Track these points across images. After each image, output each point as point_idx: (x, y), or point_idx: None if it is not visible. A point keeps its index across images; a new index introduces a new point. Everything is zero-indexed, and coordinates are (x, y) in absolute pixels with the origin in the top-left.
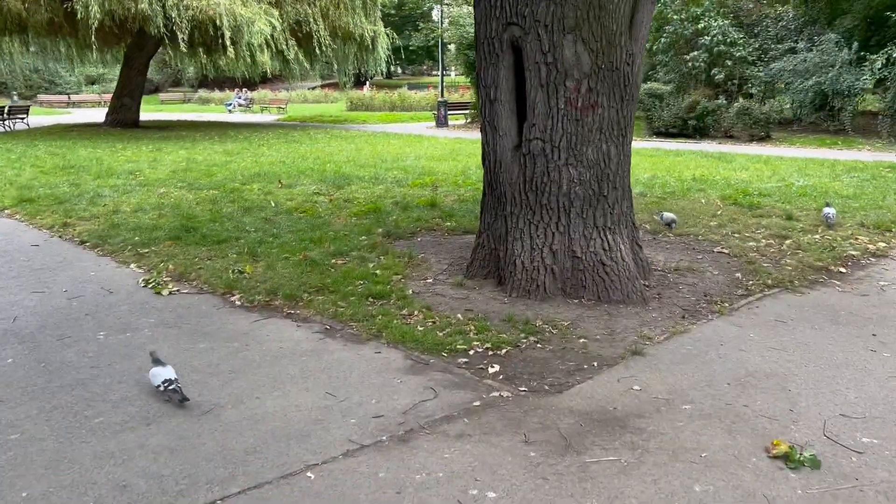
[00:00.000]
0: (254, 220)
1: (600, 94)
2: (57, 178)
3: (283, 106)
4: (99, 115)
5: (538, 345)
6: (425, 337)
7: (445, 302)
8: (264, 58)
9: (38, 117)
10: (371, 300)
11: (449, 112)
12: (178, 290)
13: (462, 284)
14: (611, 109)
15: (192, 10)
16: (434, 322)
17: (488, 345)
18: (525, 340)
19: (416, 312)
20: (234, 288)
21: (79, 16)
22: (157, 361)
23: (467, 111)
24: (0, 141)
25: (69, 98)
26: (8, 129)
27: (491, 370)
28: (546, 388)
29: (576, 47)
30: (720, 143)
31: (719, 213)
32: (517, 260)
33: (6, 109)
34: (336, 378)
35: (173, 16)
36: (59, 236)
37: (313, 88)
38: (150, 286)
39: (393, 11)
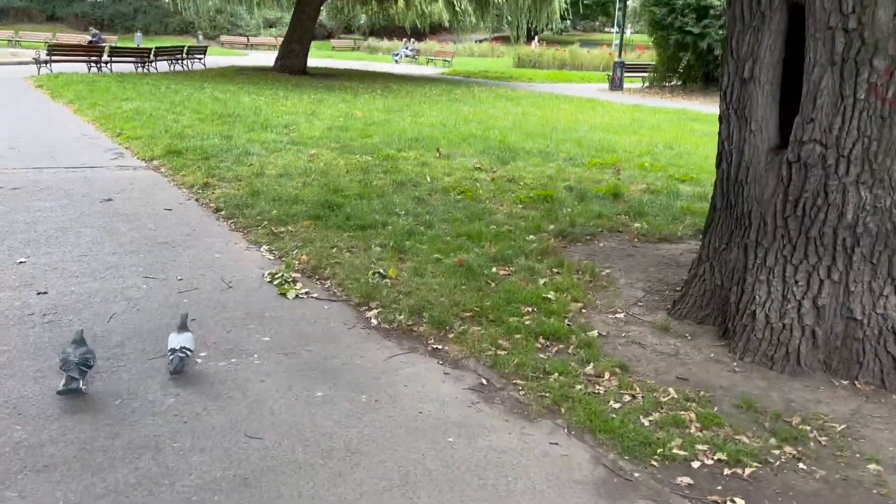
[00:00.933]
0: (405, 199)
1: None
2: (211, 128)
3: (448, 59)
4: (272, 58)
5: (800, 464)
6: (623, 425)
7: (646, 357)
8: (436, 6)
9: (216, 58)
10: (543, 342)
11: (625, 74)
12: (306, 293)
13: (667, 328)
14: None
15: None
16: (633, 396)
17: (721, 455)
18: (779, 453)
19: (606, 374)
20: (372, 298)
21: None
22: (181, 326)
23: (645, 74)
24: (174, 81)
25: (248, 40)
26: (186, 68)
27: None
28: None
29: None
30: None
31: None
32: (759, 311)
33: (185, 49)
34: (493, 489)
35: None
36: (196, 199)
37: (481, 41)
38: (275, 283)
39: None
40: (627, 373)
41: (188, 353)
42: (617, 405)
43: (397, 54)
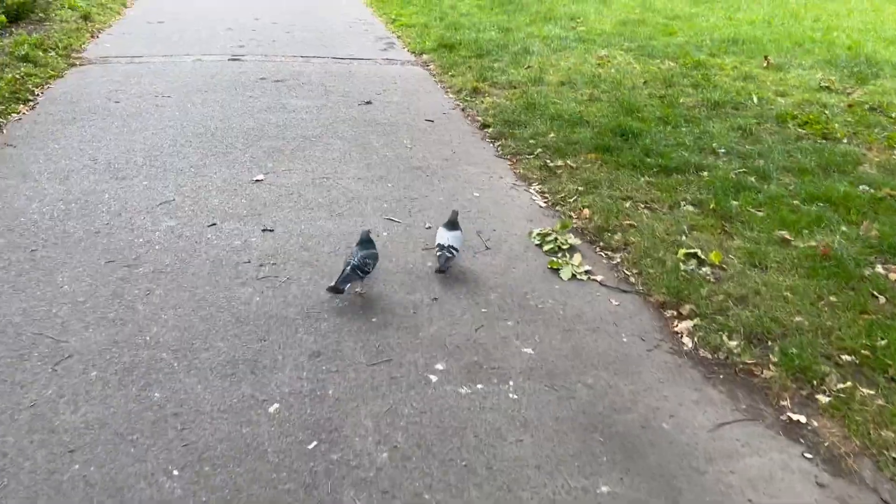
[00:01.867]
0: (724, 129)
1: None
2: (490, 17)
3: None
4: None
5: None
6: None
7: None
8: None
9: None
10: None
11: None
12: (586, 273)
13: None
14: None
15: None
16: None
17: None
18: None
19: None
20: (684, 298)
21: None
22: (451, 224)
23: None
24: None
25: None
26: None
27: None
28: None
29: None
30: None
31: None
32: None
33: None
34: None
35: None
36: (462, 109)
37: None
38: (545, 247)
39: None
40: None
41: (455, 252)
42: None
43: None
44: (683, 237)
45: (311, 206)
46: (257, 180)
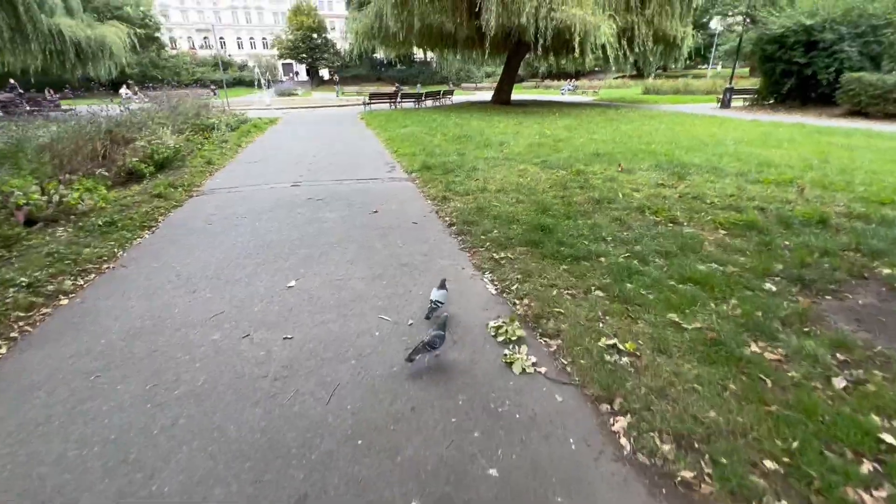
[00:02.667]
0: (607, 220)
1: None
2: (452, 146)
3: (596, 90)
4: (490, 95)
5: None
6: None
7: None
8: (596, 54)
9: (458, 97)
10: None
11: (733, 96)
12: (533, 366)
13: None
14: None
15: (556, 20)
16: None
17: None
18: None
19: None
20: (613, 393)
21: (483, 29)
22: (440, 286)
23: (747, 96)
24: (433, 112)
25: (476, 85)
26: (441, 104)
27: None
28: None
29: None
30: None
31: None
32: None
33: (441, 92)
34: None
35: (541, 26)
36: (437, 212)
37: (616, 77)
38: (499, 338)
39: None
40: None
41: (439, 304)
42: None
43: (563, 89)
44: (601, 324)
45: (325, 309)
46: (290, 287)
